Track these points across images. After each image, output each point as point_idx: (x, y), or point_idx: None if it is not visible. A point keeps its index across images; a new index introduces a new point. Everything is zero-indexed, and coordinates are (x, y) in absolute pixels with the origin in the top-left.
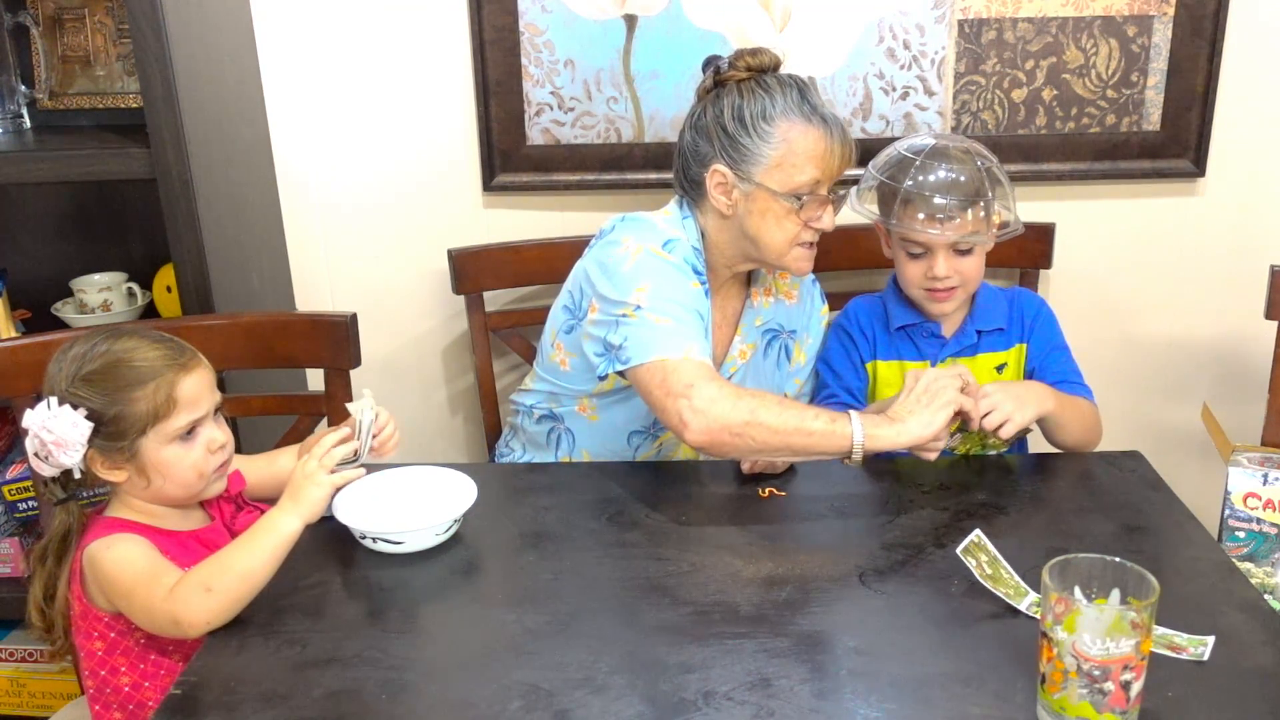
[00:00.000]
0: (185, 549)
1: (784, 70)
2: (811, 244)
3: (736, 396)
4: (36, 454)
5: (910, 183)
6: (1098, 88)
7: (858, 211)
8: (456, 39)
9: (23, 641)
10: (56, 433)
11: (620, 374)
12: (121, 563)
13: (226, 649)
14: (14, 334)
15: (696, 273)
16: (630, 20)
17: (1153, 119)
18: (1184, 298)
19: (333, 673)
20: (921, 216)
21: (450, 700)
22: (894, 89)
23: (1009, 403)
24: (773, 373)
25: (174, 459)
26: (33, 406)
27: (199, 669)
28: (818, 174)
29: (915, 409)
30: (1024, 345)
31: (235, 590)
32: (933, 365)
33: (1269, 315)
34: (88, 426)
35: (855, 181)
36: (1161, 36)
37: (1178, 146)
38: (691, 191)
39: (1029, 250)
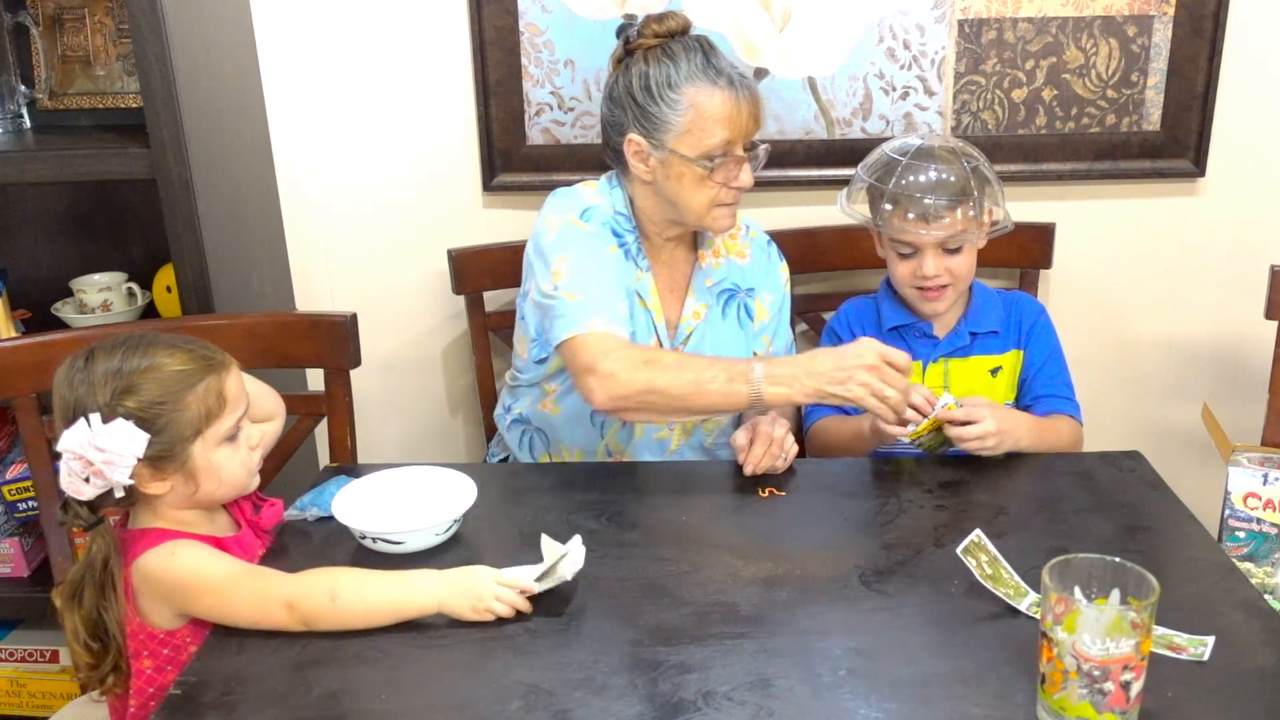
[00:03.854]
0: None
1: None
2: (732, 203)
3: (634, 368)
4: (75, 475)
5: (896, 184)
6: (1098, 88)
7: (847, 214)
8: (456, 39)
9: (23, 641)
10: (110, 449)
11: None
12: (199, 562)
13: (226, 649)
14: (14, 334)
15: (617, 235)
16: (630, 20)
17: (1153, 119)
18: (1184, 298)
19: (333, 673)
20: (910, 216)
21: (450, 700)
22: (894, 89)
23: (995, 432)
24: (735, 332)
25: (225, 460)
26: (62, 428)
27: (199, 669)
28: (728, 135)
29: (826, 365)
30: (1021, 352)
31: (351, 616)
32: (925, 366)
33: (1269, 315)
34: (144, 437)
35: (767, 143)
36: (1161, 36)
37: (1178, 146)
38: (616, 161)
39: (1029, 250)
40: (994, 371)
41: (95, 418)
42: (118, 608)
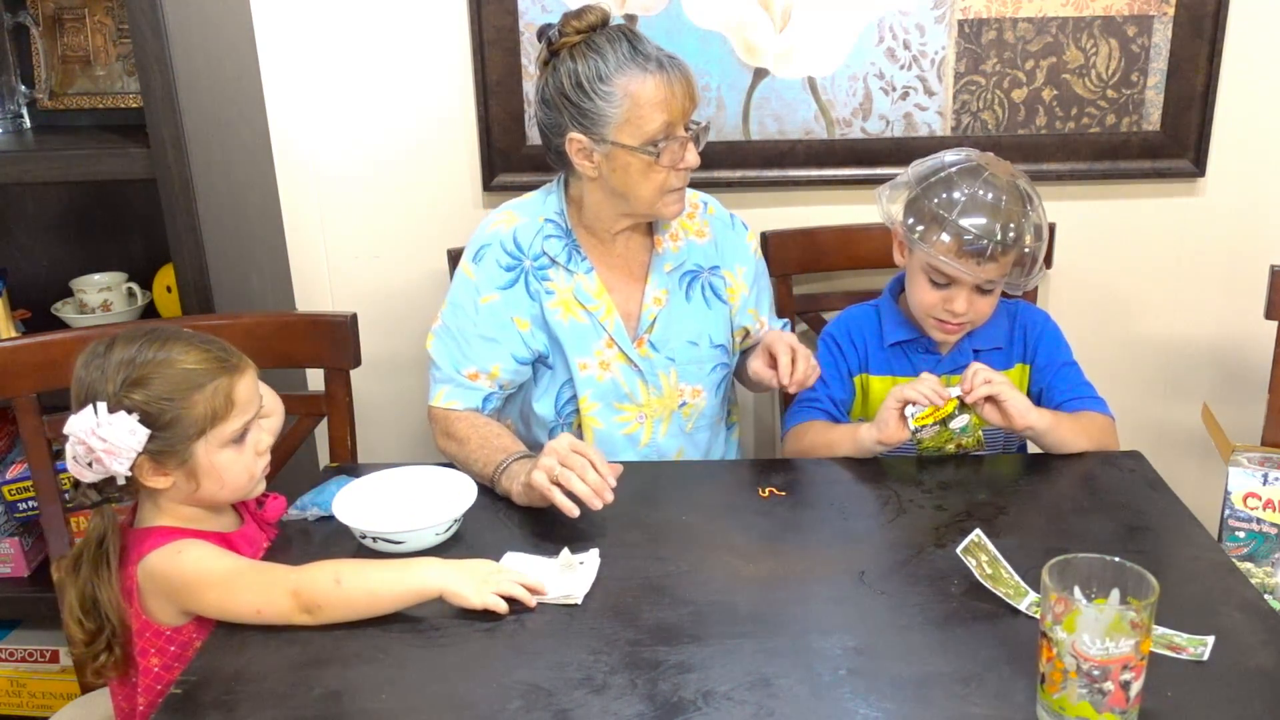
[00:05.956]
0: (228, 548)
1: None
2: (680, 188)
3: (441, 438)
4: (78, 459)
5: (961, 214)
6: (1098, 88)
7: (884, 213)
8: (456, 39)
9: (23, 641)
10: (110, 440)
11: None
12: (204, 560)
13: (227, 648)
14: (14, 334)
15: (511, 268)
16: (630, 20)
17: (1153, 119)
18: (1184, 298)
19: (333, 673)
20: (964, 251)
21: (450, 700)
22: (894, 89)
23: (1003, 382)
24: (703, 314)
25: (228, 463)
26: (72, 412)
27: (199, 669)
28: (666, 117)
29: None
30: (1026, 366)
31: (356, 600)
32: None
33: (1269, 315)
34: (144, 433)
35: (706, 126)
36: (1161, 36)
37: (1178, 146)
38: (560, 163)
39: None
40: None
41: (101, 406)
42: (110, 588)
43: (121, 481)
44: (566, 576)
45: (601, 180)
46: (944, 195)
